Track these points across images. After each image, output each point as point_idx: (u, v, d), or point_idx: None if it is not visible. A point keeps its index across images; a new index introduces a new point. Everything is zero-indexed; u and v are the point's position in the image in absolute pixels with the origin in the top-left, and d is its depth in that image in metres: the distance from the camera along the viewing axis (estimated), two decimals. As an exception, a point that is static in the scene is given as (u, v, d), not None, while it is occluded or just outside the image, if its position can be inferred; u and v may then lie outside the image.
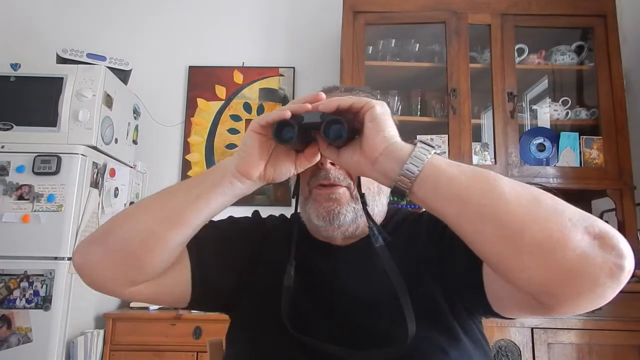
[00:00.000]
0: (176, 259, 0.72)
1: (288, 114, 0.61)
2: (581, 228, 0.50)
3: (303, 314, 0.72)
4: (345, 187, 0.74)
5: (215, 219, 0.82)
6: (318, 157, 0.69)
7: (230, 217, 0.87)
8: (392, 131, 0.60)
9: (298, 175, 0.75)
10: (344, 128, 0.60)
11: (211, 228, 0.81)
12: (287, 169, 0.68)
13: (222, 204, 0.68)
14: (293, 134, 0.61)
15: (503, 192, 0.53)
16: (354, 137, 0.63)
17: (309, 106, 0.62)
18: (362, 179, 0.73)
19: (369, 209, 0.73)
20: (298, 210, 0.79)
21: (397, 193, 0.59)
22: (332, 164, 0.74)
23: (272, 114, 0.62)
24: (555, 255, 0.49)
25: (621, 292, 0.51)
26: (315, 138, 0.66)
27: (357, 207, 0.73)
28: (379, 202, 0.78)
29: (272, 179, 0.68)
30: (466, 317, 0.71)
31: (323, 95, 0.64)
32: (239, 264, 0.80)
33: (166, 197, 0.70)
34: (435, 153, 0.57)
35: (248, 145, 0.65)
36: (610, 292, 0.50)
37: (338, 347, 0.66)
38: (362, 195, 0.71)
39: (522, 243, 0.51)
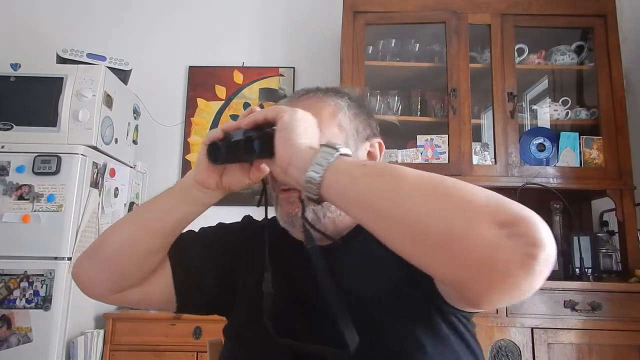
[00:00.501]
0: (158, 266, 0.76)
1: (219, 135, 0.66)
2: (487, 218, 0.47)
3: (286, 316, 0.73)
4: None
5: (206, 224, 0.87)
6: (268, 167, 0.70)
7: (219, 224, 0.89)
8: (300, 139, 0.59)
9: (264, 182, 0.77)
10: (257, 142, 0.62)
11: (196, 235, 0.84)
12: (241, 179, 0.70)
13: (190, 213, 0.73)
14: (222, 154, 0.65)
15: (404, 191, 0.51)
16: None
17: (236, 124, 0.66)
18: None
19: (330, 212, 0.74)
20: (269, 216, 0.80)
21: (311, 200, 0.58)
22: None
23: (209, 134, 0.67)
24: (460, 251, 0.47)
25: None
26: None
27: (316, 208, 0.73)
28: None
29: (229, 188, 0.71)
30: (449, 314, 0.71)
31: (257, 108, 0.67)
32: (224, 269, 0.81)
33: (141, 209, 0.77)
34: (340, 154, 0.56)
35: (201, 157, 0.68)
36: (526, 284, 0.46)
37: (320, 346, 0.66)
38: (302, 201, 0.70)
39: (427, 241, 0.49)
